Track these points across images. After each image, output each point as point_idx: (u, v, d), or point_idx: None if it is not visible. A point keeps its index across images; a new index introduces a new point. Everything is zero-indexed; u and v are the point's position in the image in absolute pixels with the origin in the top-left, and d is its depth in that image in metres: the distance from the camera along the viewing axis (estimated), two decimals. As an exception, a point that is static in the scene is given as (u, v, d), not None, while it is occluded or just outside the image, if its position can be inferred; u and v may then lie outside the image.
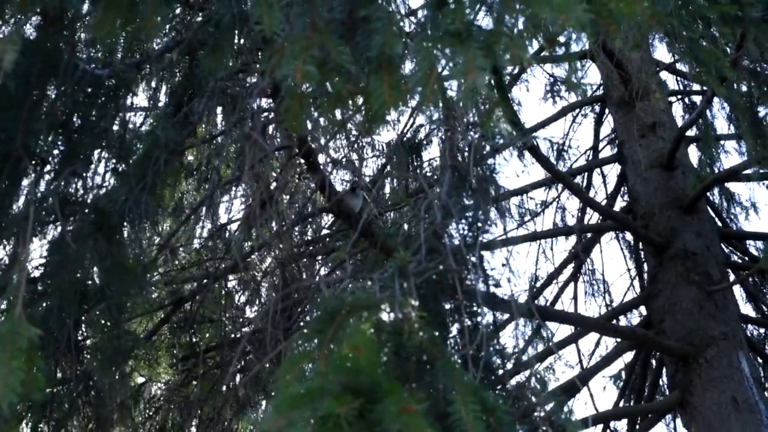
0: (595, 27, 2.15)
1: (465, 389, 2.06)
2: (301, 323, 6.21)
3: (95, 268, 3.76)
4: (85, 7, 3.12)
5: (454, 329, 3.04)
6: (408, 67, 2.27)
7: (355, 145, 7.87)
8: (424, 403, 1.84)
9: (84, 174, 3.68)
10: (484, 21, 2.30)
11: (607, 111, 9.80)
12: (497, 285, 3.37)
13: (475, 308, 3.04)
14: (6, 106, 2.91)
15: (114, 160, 3.92)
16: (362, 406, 1.82)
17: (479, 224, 3.31)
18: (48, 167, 3.51)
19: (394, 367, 2.18)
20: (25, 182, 3.45)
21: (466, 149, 3.64)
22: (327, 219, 7.86)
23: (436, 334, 2.32)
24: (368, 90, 2.20)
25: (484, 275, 3.31)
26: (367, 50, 2.21)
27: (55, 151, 3.51)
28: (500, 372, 3.04)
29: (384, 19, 2.19)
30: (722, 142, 8.87)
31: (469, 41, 2.05)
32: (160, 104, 5.16)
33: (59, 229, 3.68)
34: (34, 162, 3.26)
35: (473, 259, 3.05)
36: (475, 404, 2.02)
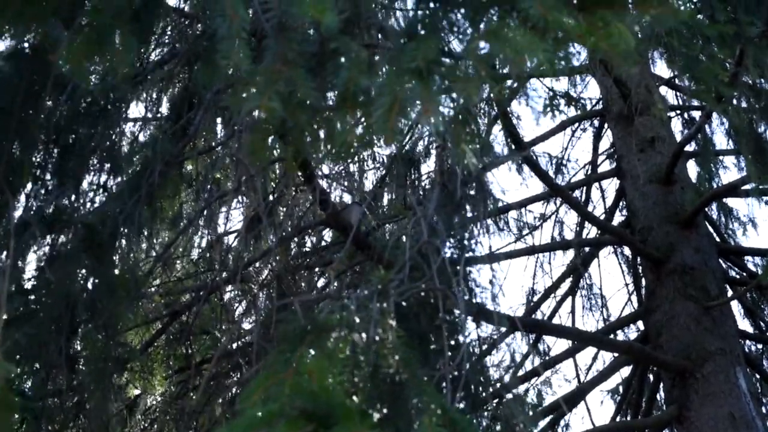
0: (596, 54, 2.15)
1: (435, 410, 2.05)
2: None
3: (86, 284, 3.76)
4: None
5: (438, 348, 3.03)
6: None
7: (355, 158, 7.87)
8: (376, 430, 1.84)
9: (75, 191, 3.68)
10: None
11: (606, 125, 9.81)
12: (483, 303, 3.36)
13: (457, 326, 3.03)
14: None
15: (106, 175, 3.92)
16: (315, 431, 1.82)
17: (465, 242, 3.31)
18: (39, 185, 3.51)
19: (369, 388, 2.17)
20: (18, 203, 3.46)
21: (456, 166, 3.63)
22: (325, 232, 7.85)
23: (413, 353, 2.31)
24: (332, 125, 2.20)
25: (471, 292, 3.30)
26: (333, 84, 2.20)
27: (47, 167, 3.51)
28: (483, 393, 3.03)
29: (352, 53, 2.19)
30: (721, 157, 8.86)
31: (429, 79, 2.05)
32: (158, 116, 5.17)
33: (50, 244, 3.68)
34: (21, 182, 3.26)
35: (459, 276, 3.04)
36: (443, 426, 2.02)
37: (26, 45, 2.83)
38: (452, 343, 2.96)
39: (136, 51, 2.43)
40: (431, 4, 2.27)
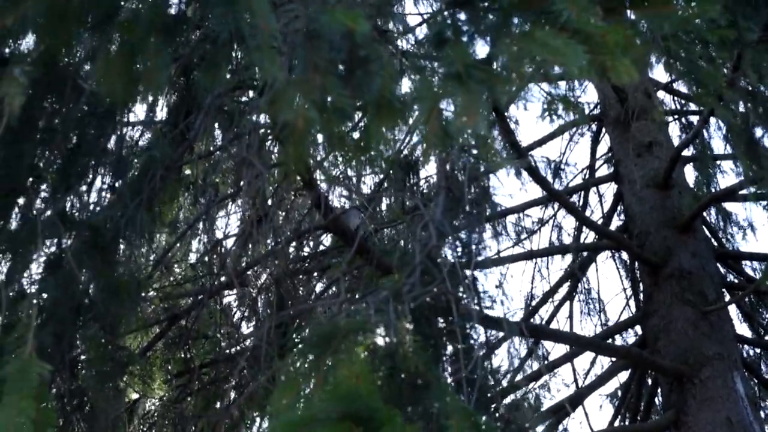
0: (593, 65, 2.16)
1: (460, 413, 2.06)
2: (296, 341, 6.21)
3: (90, 286, 3.77)
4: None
5: (448, 351, 3.04)
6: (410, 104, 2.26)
7: (353, 162, 7.87)
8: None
9: (81, 191, 3.69)
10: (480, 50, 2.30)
11: (603, 130, 9.83)
12: (490, 307, 3.38)
13: (469, 330, 3.04)
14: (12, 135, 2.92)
15: (110, 177, 3.93)
16: None
17: (473, 246, 3.32)
18: (45, 185, 3.52)
19: (389, 391, 2.18)
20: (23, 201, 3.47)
21: (461, 170, 3.65)
22: (324, 236, 7.85)
23: (430, 356, 2.32)
24: (368, 133, 2.21)
25: (478, 297, 3.31)
26: (366, 92, 2.20)
27: (53, 168, 3.52)
28: (492, 393, 3.04)
29: (383, 60, 2.19)
30: (719, 161, 8.87)
31: (469, 83, 2.05)
32: (158, 120, 5.18)
33: (55, 246, 3.69)
34: (32, 180, 3.27)
35: (467, 281, 3.05)
36: (470, 429, 2.03)
37: (44, 51, 2.83)
38: (461, 346, 2.97)
39: (167, 69, 2.43)
40: (458, 9, 2.28)
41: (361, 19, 2.04)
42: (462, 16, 2.28)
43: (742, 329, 8.49)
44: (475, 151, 3.65)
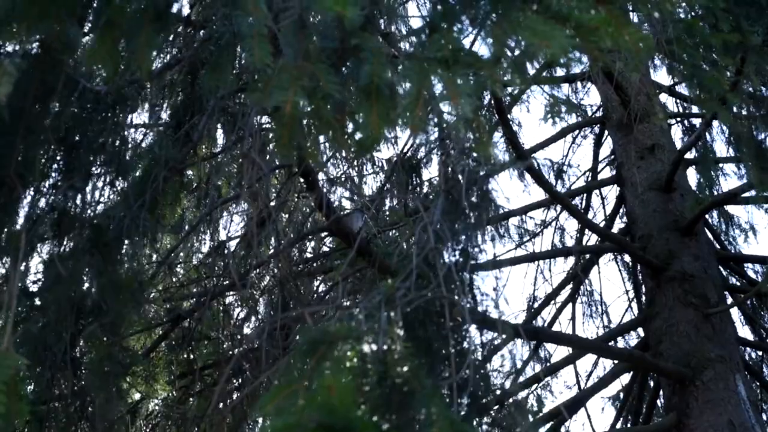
0: (583, 53, 2.17)
1: (444, 422, 2.06)
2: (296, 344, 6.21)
3: (92, 284, 3.77)
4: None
5: (441, 356, 3.03)
6: (401, 91, 2.27)
7: (355, 162, 7.89)
8: None
9: (82, 189, 3.69)
10: (481, 48, 2.31)
11: (606, 132, 9.82)
12: (485, 312, 3.37)
13: (463, 335, 3.03)
14: (2, 128, 2.92)
15: (113, 177, 3.94)
16: None
17: (470, 250, 3.31)
18: (47, 182, 3.52)
19: (377, 398, 2.18)
20: (26, 200, 3.48)
21: (461, 174, 3.65)
22: (327, 238, 7.86)
23: (420, 363, 2.31)
24: (357, 119, 2.21)
25: (474, 301, 3.30)
26: (356, 79, 2.21)
27: (54, 166, 3.52)
28: (486, 400, 3.03)
29: (374, 48, 2.20)
30: (721, 164, 8.87)
31: (456, 67, 2.06)
32: (161, 122, 5.19)
33: (56, 244, 3.69)
34: (31, 179, 3.27)
35: (464, 284, 3.05)
36: None
37: (37, 44, 2.84)
38: (457, 349, 2.96)
39: (157, 49, 2.45)
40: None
41: (351, 5, 2.05)
42: (455, 5, 2.29)
43: (744, 332, 8.51)
44: (475, 154, 3.64)
